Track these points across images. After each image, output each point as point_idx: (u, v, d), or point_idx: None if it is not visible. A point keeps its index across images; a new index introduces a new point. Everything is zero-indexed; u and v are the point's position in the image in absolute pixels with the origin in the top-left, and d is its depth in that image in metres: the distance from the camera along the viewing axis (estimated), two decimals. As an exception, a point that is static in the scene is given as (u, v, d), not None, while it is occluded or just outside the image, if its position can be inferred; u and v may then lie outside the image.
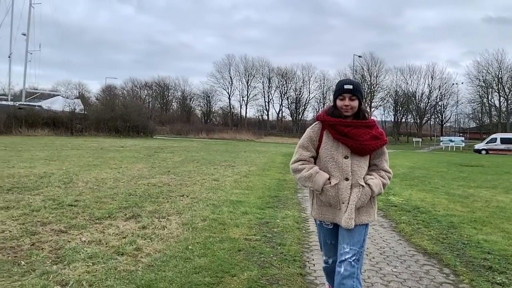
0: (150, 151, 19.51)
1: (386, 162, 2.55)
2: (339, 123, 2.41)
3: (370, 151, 2.43)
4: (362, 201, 2.42)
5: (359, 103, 2.44)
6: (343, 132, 2.39)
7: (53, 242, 4.02)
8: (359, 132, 2.39)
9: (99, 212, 5.40)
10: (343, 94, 2.41)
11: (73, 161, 12.62)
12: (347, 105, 2.40)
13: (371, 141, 2.41)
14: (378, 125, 2.52)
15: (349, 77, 65.43)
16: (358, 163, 2.42)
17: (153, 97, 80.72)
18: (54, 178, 8.46)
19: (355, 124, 2.42)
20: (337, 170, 2.41)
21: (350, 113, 2.43)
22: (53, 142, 24.04)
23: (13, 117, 35.03)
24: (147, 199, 6.52)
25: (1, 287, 2.86)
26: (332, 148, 2.43)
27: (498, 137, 40.28)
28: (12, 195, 6.37)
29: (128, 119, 42.13)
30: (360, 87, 2.45)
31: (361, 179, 2.42)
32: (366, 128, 2.43)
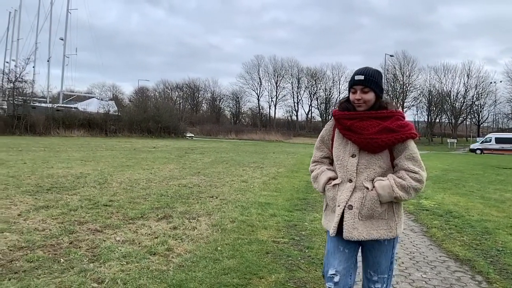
0: (181, 152, 19.90)
1: (410, 160, 2.03)
2: (343, 116, 2.10)
3: (380, 146, 2.00)
4: (368, 207, 2.02)
5: (376, 95, 2.08)
6: (346, 126, 2.08)
7: (89, 241, 4.22)
8: (364, 124, 2.03)
9: (132, 212, 5.60)
10: (354, 87, 2.08)
11: (107, 161, 13.06)
12: (358, 99, 2.06)
13: (380, 134, 1.99)
14: (401, 117, 2.09)
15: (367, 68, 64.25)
16: (367, 163, 2.04)
17: (184, 99, 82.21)
18: (90, 178, 8.81)
19: (361, 115, 2.06)
20: (341, 170, 2.11)
21: (363, 107, 2.08)
22: (88, 143, 24.93)
23: (51, 119, 36.56)
24: (178, 200, 6.69)
25: (43, 283, 3.03)
26: (340, 146, 2.13)
27: (493, 137, 40.56)
28: (52, 195, 6.70)
29: (160, 120, 43.06)
30: (376, 76, 2.07)
31: (367, 181, 2.04)
32: (375, 120, 2.04)
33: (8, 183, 7.67)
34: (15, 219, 5.01)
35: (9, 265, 3.41)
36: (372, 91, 2.05)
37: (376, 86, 2.06)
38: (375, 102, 2.08)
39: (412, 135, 2.03)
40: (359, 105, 2.08)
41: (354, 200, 2.03)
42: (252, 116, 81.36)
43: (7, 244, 3.95)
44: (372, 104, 2.08)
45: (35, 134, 34.34)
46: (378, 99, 2.09)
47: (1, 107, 38.17)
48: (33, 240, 4.13)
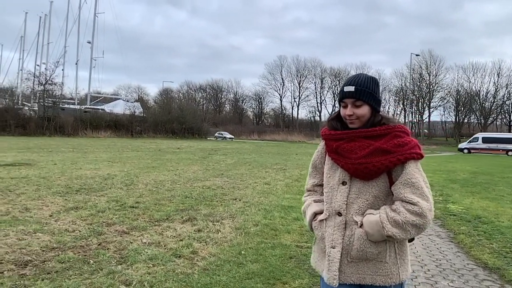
0: (204, 153, 20.11)
1: (407, 187, 1.62)
2: (329, 136, 1.78)
3: (371, 172, 1.64)
4: (357, 248, 1.65)
5: (371, 109, 1.72)
6: (332, 148, 1.75)
7: (117, 243, 4.33)
8: (352, 146, 1.69)
9: (158, 214, 5.72)
10: (344, 100, 1.72)
11: (133, 163, 13.35)
12: (350, 115, 1.70)
13: (370, 157, 1.64)
14: (401, 133, 1.69)
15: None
16: (360, 192, 1.68)
17: (207, 100, 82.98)
18: (117, 179, 9.03)
19: (349, 135, 1.71)
20: (329, 201, 1.75)
21: (356, 124, 1.72)
22: (115, 144, 25.51)
23: (79, 120, 37.64)
24: (202, 202, 6.78)
25: (74, 284, 3.15)
26: (330, 171, 1.79)
27: (480, 137, 41.11)
28: (80, 196, 6.91)
29: (184, 121, 43.62)
30: (370, 85, 1.72)
31: (358, 214, 1.67)
32: (366, 139, 1.68)
33: (39, 184, 7.95)
34: (47, 219, 5.20)
35: (42, 265, 3.55)
36: (366, 105, 1.70)
37: (371, 98, 1.71)
38: (370, 117, 1.72)
39: (413, 156, 1.63)
40: (351, 122, 1.72)
41: (339, 237, 1.68)
42: (274, 117, 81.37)
43: (40, 245, 4.11)
44: (367, 119, 1.73)
45: (64, 135, 35.43)
46: (373, 113, 1.73)
47: (32, 109, 39.56)
48: (64, 241, 4.28)
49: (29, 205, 5.97)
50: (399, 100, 70.11)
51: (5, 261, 3.58)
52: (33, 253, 3.86)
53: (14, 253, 3.81)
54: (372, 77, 1.76)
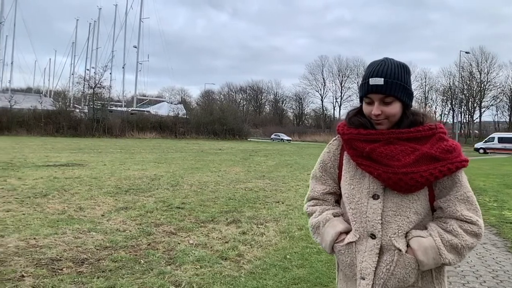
0: (245, 154, 20.28)
1: (463, 203, 1.35)
2: (357, 136, 1.41)
3: (418, 184, 1.32)
4: (400, 278, 1.35)
5: (403, 105, 1.39)
6: (363, 152, 1.38)
7: (165, 243, 4.46)
8: (391, 151, 1.34)
9: (203, 216, 5.83)
10: (369, 95, 1.38)
11: (178, 163, 13.70)
12: (377, 114, 1.37)
13: (418, 165, 1.32)
14: (444, 134, 1.41)
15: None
16: (397, 208, 1.36)
17: (247, 101, 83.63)
18: (163, 180, 9.31)
19: (386, 136, 1.37)
20: (358, 219, 1.40)
21: (385, 125, 1.39)
22: (160, 145, 26.31)
23: (126, 122, 39.15)
24: (245, 204, 6.84)
25: (127, 283, 3.28)
26: (353, 180, 1.44)
27: (496, 136, 40.11)
28: (129, 196, 7.18)
29: (225, 123, 44.20)
30: (402, 75, 1.38)
31: (399, 236, 1.35)
32: (408, 142, 1.36)
33: (91, 184, 8.35)
34: (99, 219, 5.45)
35: (97, 263, 3.72)
36: (397, 101, 1.37)
37: (403, 92, 1.37)
38: (402, 115, 1.40)
39: (463, 164, 1.35)
40: (378, 123, 1.39)
41: (381, 268, 1.36)
42: (315, 118, 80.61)
43: (94, 244, 4.31)
44: (397, 119, 1.40)
45: (112, 136, 36.99)
46: (406, 110, 1.40)
47: (83, 111, 41.62)
48: (116, 240, 4.47)
49: (82, 205, 6.28)
50: (447, 99, 67.23)
51: (64, 259, 3.79)
52: (88, 251, 4.05)
53: (71, 251, 4.02)
54: (402, 64, 1.42)
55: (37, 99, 40.18)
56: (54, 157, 14.12)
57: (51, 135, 34.56)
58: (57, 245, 4.20)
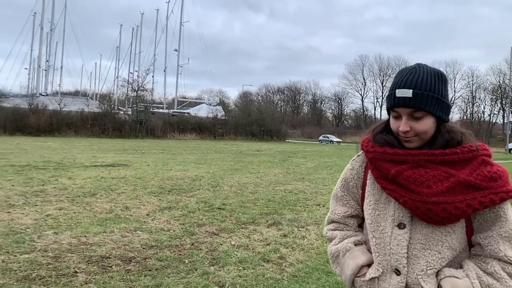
0: (284, 155, 20.24)
1: (507, 241, 1.15)
2: (382, 156, 1.22)
3: (451, 217, 1.12)
4: None
5: (437, 120, 1.19)
6: (389, 175, 1.20)
7: (208, 244, 4.54)
8: (422, 174, 1.15)
9: (244, 217, 5.87)
10: (396, 109, 1.20)
11: (217, 164, 13.90)
12: (405, 131, 1.18)
13: (453, 194, 1.12)
14: (487, 157, 1.19)
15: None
16: (427, 241, 1.17)
17: (285, 102, 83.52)
18: (204, 181, 9.48)
19: (416, 157, 1.17)
20: (381, 251, 1.23)
21: (415, 143, 1.20)
22: (199, 146, 26.80)
23: (167, 123, 40.23)
24: (286, 206, 6.82)
25: (172, 282, 3.36)
26: (378, 205, 1.26)
27: None
28: (172, 196, 7.37)
29: (263, 124, 44.36)
30: (436, 85, 1.17)
31: (427, 275, 1.16)
32: (442, 166, 1.15)
33: (136, 184, 8.64)
34: (144, 218, 5.63)
35: (144, 262, 3.85)
36: (429, 115, 1.17)
37: (437, 104, 1.16)
38: (435, 132, 1.20)
39: (510, 195, 1.13)
40: (407, 140, 1.20)
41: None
42: (355, 118, 79.20)
43: (140, 243, 4.46)
44: (430, 136, 1.20)
45: (154, 137, 38.10)
46: (440, 126, 1.20)
47: (127, 113, 43.19)
48: (160, 239, 4.60)
49: (128, 204, 6.51)
50: (496, 98, 63.87)
51: (113, 257, 3.95)
52: (135, 250, 4.20)
53: (119, 249, 4.18)
54: (437, 72, 1.20)
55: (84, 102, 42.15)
56: (100, 158, 14.74)
57: (97, 136, 36.11)
58: (106, 243, 4.38)
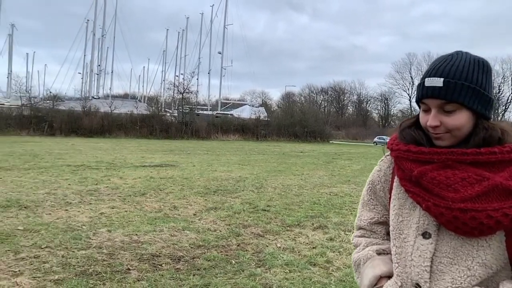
0: (328, 157, 19.96)
1: None
2: (405, 154, 1.07)
3: (480, 227, 0.94)
4: None
5: (475, 115, 1.02)
6: (411, 175, 1.05)
7: (254, 245, 4.57)
8: (449, 176, 0.98)
9: (289, 219, 5.85)
10: (425, 101, 1.05)
11: (261, 166, 13.96)
12: (435, 126, 1.02)
13: (486, 200, 0.95)
14: None
15: None
16: (455, 254, 1.00)
17: (329, 102, 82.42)
18: (248, 182, 9.55)
19: (443, 156, 1.00)
20: (402, 262, 1.08)
21: (447, 141, 1.03)
22: (242, 147, 27.05)
23: (211, 125, 40.99)
24: (331, 210, 6.72)
25: (220, 283, 3.42)
26: (403, 210, 1.10)
27: None
28: (218, 197, 7.49)
29: (306, 125, 44.03)
30: (472, 74, 1.00)
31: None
32: (474, 167, 0.98)
33: (183, 184, 8.87)
34: (192, 218, 5.76)
35: (192, 261, 3.94)
36: (463, 109, 1.00)
37: (474, 96, 1.00)
38: (473, 129, 1.02)
39: None
40: (437, 137, 1.04)
41: None
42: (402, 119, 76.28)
43: (188, 242, 4.57)
44: (466, 133, 1.02)
45: (199, 138, 38.96)
46: (478, 122, 1.02)
47: (173, 115, 44.45)
48: (208, 239, 4.69)
49: (176, 204, 6.69)
50: (559, 97, 59.41)
51: (163, 255, 4.07)
52: (183, 249, 4.31)
53: (168, 248, 4.31)
54: (478, 59, 1.03)
55: (133, 104, 43.84)
56: (149, 158, 15.28)
57: (145, 137, 37.45)
58: (156, 241, 4.53)
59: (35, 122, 35.01)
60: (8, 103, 40.93)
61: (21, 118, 35.25)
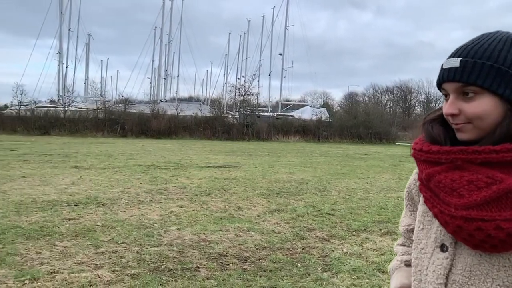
0: (394, 160, 19.17)
1: None
2: (419, 154, 0.95)
3: (489, 240, 0.80)
4: None
5: (503, 101, 0.83)
6: (422, 178, 0.95)
7: (319, 249, 4.51)
8: (455, 179, 0.85)
9: (355, 224, 5.70)
10: (443, 85, 0.90)
11: (323, 168, 13.76)
12: (452, 114, 0.88)
13: (495, 207, 0.79)
14: None
15: None
16: (471, 272, 0.85)
17: (395, 102, 79.17)
18: (311, 185, 9.46)
19: (452, 156, 0.86)
20: (417, 275, 0.98)
21: (470, 133, 0.88)
22: (303, 148, 26.88)
23: (272, 126, 41.21)
24: (400, 215, 6.42)
25: (287, 285, 3.42)
26: (424, 217, 0.99)
27: None
28: (281, 199, 7.50)
29: (370, 126, 42.68)
30: (497, 51, 0.83)
31: None
32: (485, 168, 0.82)
33: (246, 185, 9.01)
34: (256, 219, 5.83)
35: (258, 262, 3.98)
36: (487, 93, 0.84)
37: (499, 78, 0.83)
38: (500, 120, 0.84)
39: None
40: (457, 128, 0.89)
41: None
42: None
43: (254, 243, 4.62)
44: (492, 124, 0.85)
45: (260, 140, 39.35)
46: (507, 111, 0.84)
47: (234, 116, 45.37)
48: (272, 241, 4.71)
49: (240, 204, 6.81)
50: None
51: (229, 255, 4.16)
52: (249, 250, 4.37)
53: (235, 248, 4.40)
54: (504, 35, 0.86)
55: (197, 107, 45.39)
56: (213, 159, 15.72)
57: (209, 138, 38.62)
58: (223, 241, 4.64)
59: (109, 124, 37.60)
60: (85, 107, 44.34)
61: (96, 120, 38.04)
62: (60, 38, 50.89)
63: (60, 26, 50.56)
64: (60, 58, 50.93)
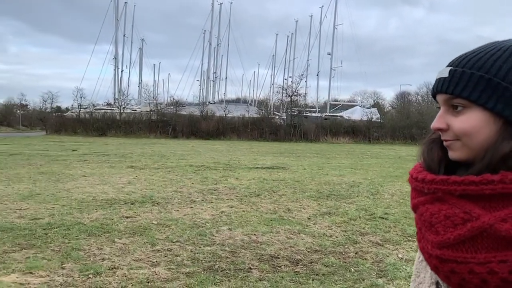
0: (450, 162, 18.26)
1: None
2: (411, 181, 0.84)
3: (464, 284, 0.68)
4: None
5: (501, 119, 0.70)
6: (412, 209, 0.85)
7: (373, 254, 4.38)
8: (434, 213, 0.73)
9: (410, 229, 5.48)
10: (436, 97, 0.80)
11: (375, 170, 13.38)
12: (437, 128, 0.78)
13: (470, 248, 0.68)
14: None
15: None
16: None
17: (450, 101, 75.44)
18: (362, 188, 9.23)
19: (433, 186, 0.74)
20: None
21: (458, 152, 0.76)
22: (353, 150, 26.29)
23: (320, 127, 40.69)
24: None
25: (341, 290, 3.36)
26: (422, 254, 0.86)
27: None
28: (331, 202, 7.38)
29: (424, 126, 40.79)
30: (499, 65, 0.70)
31: None
32: (468, 201, 0.69)
33: (295, 187, 8.96)
34: (306, 222, 5.78)
35: (310, 266, 3.94)
36: (475, 107, 0.72)
37: (491, 90, 0.71)
38: (496, 140, 0.70)
39: None
40: (447, 145, 0.79)
41: None
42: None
43: (305, 246, 4.58)
44: (484, 143, 0.72)
45: (307, 141, 39.01)
46: (502, 129, 0.70)
47: (281, 117, 45.32)
48: (324, 245, 4.64)
49: (290, 206, 6.79)
50: None
51: (281, 257, 4.16)
52: (301, 252, 4.34)
53: (286, 250, 4.38)
54: (506, 44, 0.74)
55: (245, 108, 45.85)
56: (261, 160, 15.81)
57: (256, 139, 38.89)
58: (274, 243, 4.65)
59: (161, 126, 39.03)
60: (139, 109, 46.35)
61: (149, 122, 39.63)
62: (115, 44, 53.63)
63: (115, 32, 53.31)
64: (116, 62, 53.67)
